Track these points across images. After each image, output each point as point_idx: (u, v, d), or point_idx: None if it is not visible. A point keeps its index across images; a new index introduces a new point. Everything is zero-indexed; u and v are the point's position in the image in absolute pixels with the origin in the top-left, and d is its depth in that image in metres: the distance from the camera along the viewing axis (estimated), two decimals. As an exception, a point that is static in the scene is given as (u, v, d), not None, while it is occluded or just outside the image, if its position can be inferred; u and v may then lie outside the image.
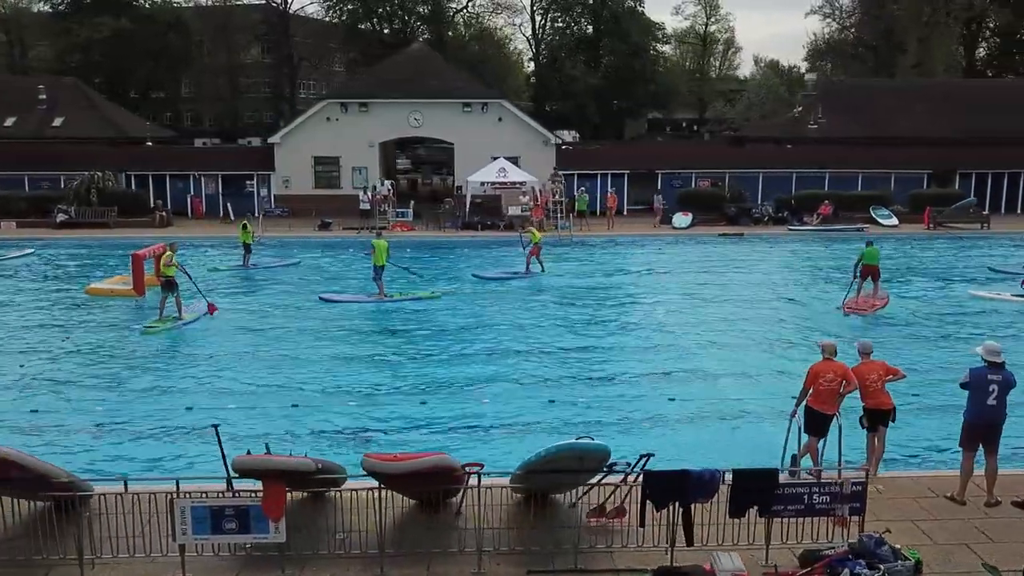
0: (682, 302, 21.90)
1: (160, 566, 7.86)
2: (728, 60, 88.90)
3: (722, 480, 7.89)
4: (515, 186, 35.97)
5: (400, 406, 13.60)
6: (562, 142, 43.11)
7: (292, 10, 67.43)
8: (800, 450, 9.95)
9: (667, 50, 78.06)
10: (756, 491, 7.90)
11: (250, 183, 40.23)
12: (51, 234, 33.73)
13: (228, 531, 7.64)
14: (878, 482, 9.53)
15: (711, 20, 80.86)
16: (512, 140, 39.53)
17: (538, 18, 68.59)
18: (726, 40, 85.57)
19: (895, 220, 36.55)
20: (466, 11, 69.70)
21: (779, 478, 8.10)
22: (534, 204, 34.82)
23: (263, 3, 66.80)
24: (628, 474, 8.58)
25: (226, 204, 38.06)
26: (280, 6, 66.87)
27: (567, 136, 49.76)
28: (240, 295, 22.91)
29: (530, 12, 68.76)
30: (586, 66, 63.11)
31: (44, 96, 45.32)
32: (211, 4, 67.58)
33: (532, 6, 68.08)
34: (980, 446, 9.31)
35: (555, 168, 39.02)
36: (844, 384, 9.63)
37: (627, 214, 39.71)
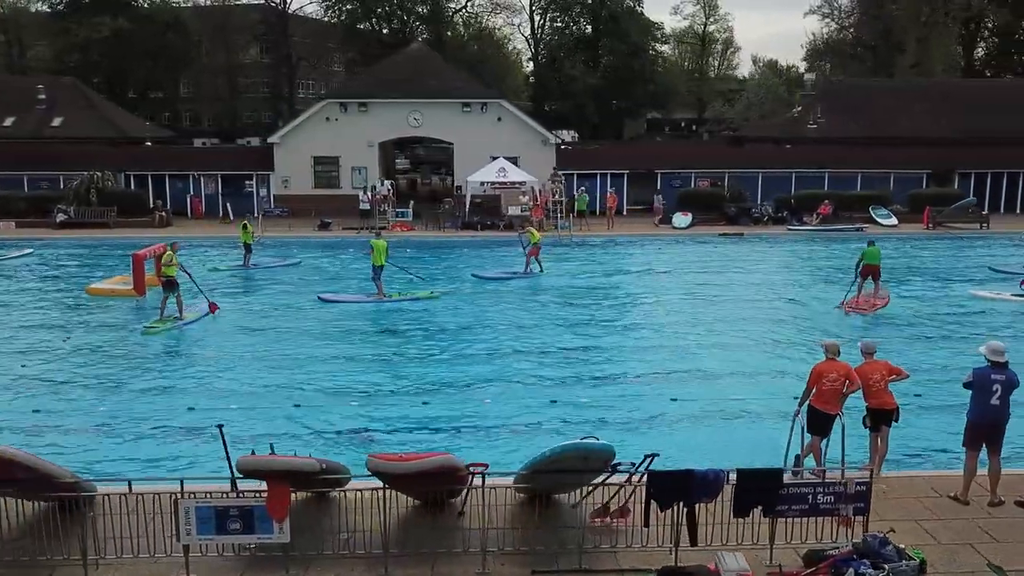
0: (682, 302, 21.91)
1: (164, 566, 7.86)
2: (727, 60, 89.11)
3: (726, 480, 7.90)
4: (515, 186, 35.97)
5: (401, 406, 13.60)
6: (561, 142, 43.11)
7: (291, 10, 67.53)
8: (803, 450, 9.96)
9: (666, 50, 78.31)
10: (760, 491, 7.91)
11: (249, 183, 40.19)
12: (51, 234, 33.69)
13: (232, 531, 7.64)
14: (882, 482, 9.54)
15: (710, 20, 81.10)
16: (511, 140, 39.51)
17: (537, 18, 68.67)
18: (725, 40, 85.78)
19: (894, 220, 36.60)
20: (465, 11, 69.95)
21: (783, 478, 8.11)
22: (534, 204, 34.79)
23: (262, 3, 66.72)
24: (632, 474, 8.58)
25: (226, 204, 38.08)
26: (279, 6, 66.83)
27: (566, 136, 49.76)
28: (240, 295, 22.92)
29: (529, 12, 68.90)
30: (585, 66, 63.06)
31: (43, 96, 45.26)
32: (210, 4, 67.48)
33: (531, 6, 68.23)
34: (983, 446, 9.32)
35: (555, 168, 38.99)
36: (847, 384, 9.64)
37: (627, 214, 39.72)
